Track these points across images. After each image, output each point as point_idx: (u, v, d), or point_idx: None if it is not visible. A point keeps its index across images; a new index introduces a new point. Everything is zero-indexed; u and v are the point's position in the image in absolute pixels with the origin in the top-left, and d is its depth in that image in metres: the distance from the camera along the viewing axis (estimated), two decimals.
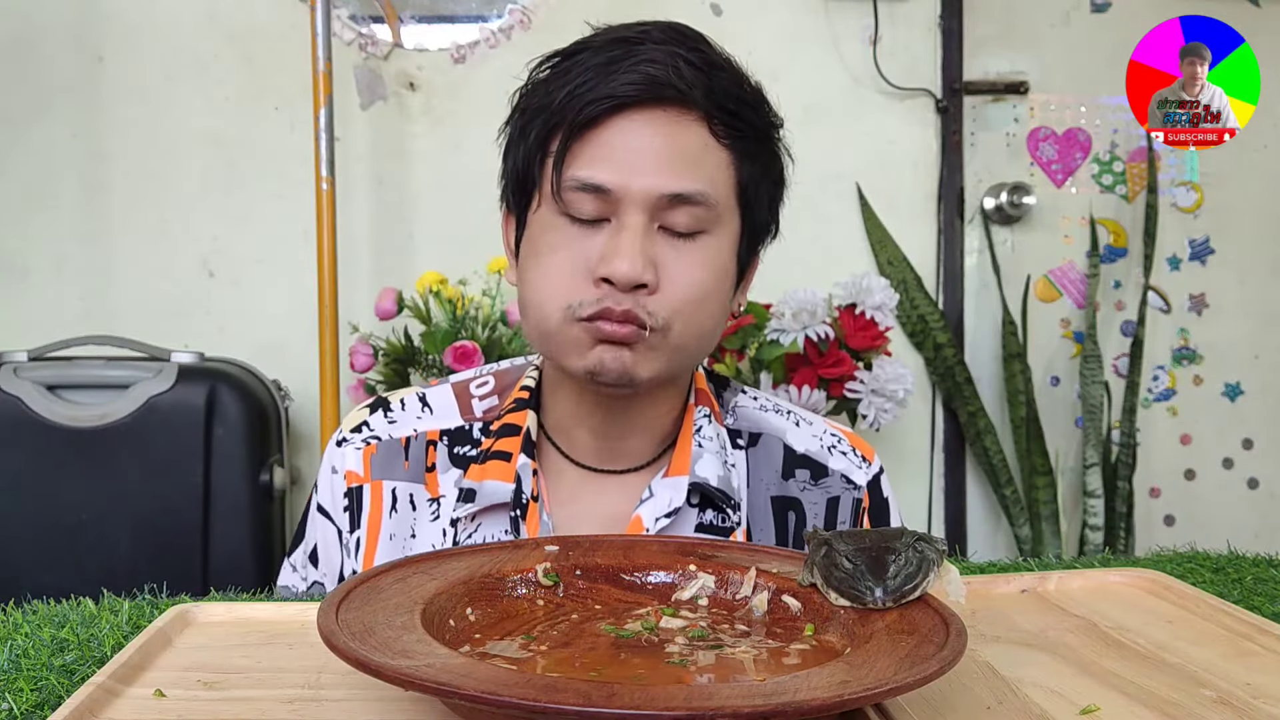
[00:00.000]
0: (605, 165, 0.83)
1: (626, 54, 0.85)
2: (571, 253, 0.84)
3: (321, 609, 0.52)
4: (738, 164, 0.87)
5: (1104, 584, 0.73)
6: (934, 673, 0.46)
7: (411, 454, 0.96)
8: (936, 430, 2.25)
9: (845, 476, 0.99)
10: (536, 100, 0.88)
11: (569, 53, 0.89)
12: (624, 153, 0.83)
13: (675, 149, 0.83)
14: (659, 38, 0.86)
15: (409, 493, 0.95)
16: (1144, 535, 2.25)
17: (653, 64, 0.83)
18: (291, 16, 2.06)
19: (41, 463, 1.73)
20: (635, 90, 0.83)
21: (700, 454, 0.93)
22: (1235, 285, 2.32)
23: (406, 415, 0.98)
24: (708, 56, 0.87)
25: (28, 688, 0.57)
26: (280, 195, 2.07)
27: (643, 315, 0.83)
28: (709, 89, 0.84)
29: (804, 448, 0.99)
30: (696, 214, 0.84)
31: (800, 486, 0.98)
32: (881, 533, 0.58)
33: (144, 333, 1.87)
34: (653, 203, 0.83)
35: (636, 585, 0.64)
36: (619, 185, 0.82)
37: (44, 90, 2.05)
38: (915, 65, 2.21)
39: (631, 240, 0.82)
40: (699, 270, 0.85)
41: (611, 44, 0.86)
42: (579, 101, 0.84)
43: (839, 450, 1.00)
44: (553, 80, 0.87)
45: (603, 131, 0.84)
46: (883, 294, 1.89)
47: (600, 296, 0.83)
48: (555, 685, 0.44)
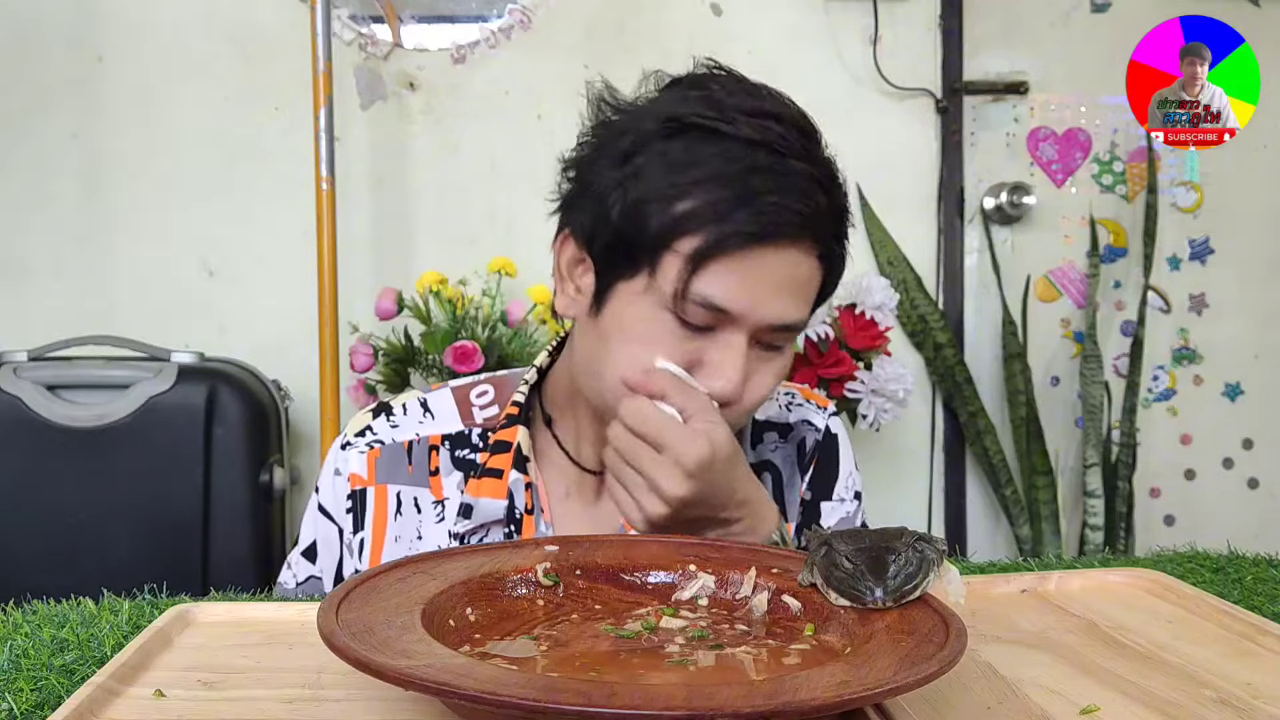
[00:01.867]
0: (737, 291, 0.82)
1: (771, 173, 0.82)
2: (668, 349, 0.84)
3: (321, 609, 0.52)
4: (822, 279, 0.89)
5: (1104, 584, 0.73)
6: (934, 673, 0.46)
7: (415, 458, 0.98)
8: (936, 430, 2.25)
9: (807, 421, 1.05)
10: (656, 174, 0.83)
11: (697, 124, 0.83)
12: (755, 283, 0.83)
13: (796, 281, 0.85)
14: (796, 149, 0.84)
15: (413, 496, 0.97)
16: (1144, 535, 2.25)
17: (797, 197, 0.82)
18: (291, 16, 2.06)
19: (41, 463, 1.73)
20: (784, 231, 0.82)
21: None
22: (1235, 285, 2.32)
23: (409, 420, 0.99)
24: (832, 173, 0.87)
25: (28, 688, 0.57)
26: (280, 195, 2.07)
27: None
28: (829, 222, 0.86)
29: (764, 415, 1.04)
30: (790, 336, 0.88)
31: (771, 448, 1.03)
32: (882, 533, 0.58)
33: (144, 333, 1.87)
34: (764, 328, 0.85)
35: (636, 585, 0.64)
36: (742, 312, 0.83)
37: (44, 90, 2.05)
38: (915, 65, 2.21)
39: (737, 360, 0.84)
40: (775, 378, 0.89)
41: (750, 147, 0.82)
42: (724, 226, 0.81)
43: (795, 404, 1.06)
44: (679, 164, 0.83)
45: (740, 259, 0.82)
46: (883, 294, 1.89)
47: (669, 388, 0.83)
48: (555, 685, 0.44)
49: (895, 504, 2.22)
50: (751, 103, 0.85)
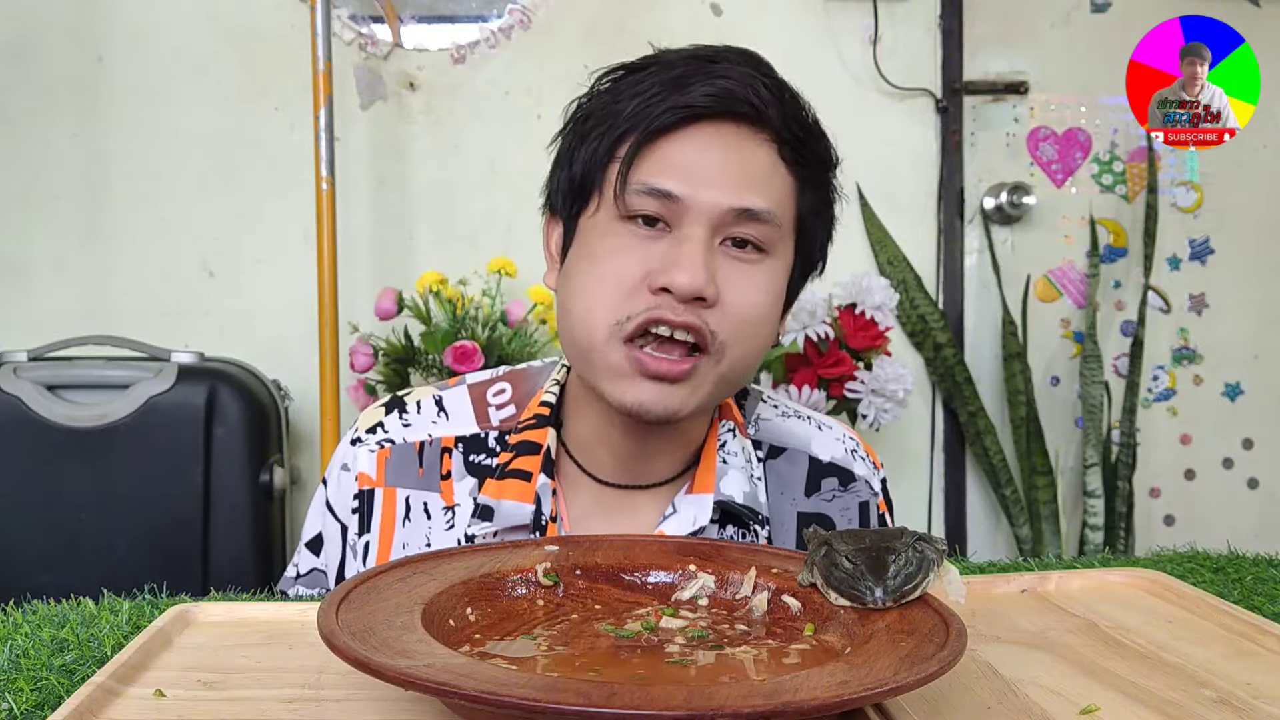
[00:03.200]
0: (675, 173, 0.81)
1: (701, 69, 0.84)
2: (629, 259, 0.82)
3: (321, 609, 0.52)
4: (800, 190, 0.86)
5: (1104, 584, 0.73)
6: (934, 673, 0.46)
7: (425, 460, 0.94)
8: (936, 430, 2.25)
9: (867, 482, 1.00)
10: (602, 108, 0.86)
11: (636, 66, 0.87)
12: (694, 163, 0.82)
13: (745, 165, 0.82)
14: (734, 58, 0.85)
15: (423, 501, 0.93)
16: (1144, 535, 2.25)
17: (729, 79, 0.82)
18: (291, 16, 2.06)
19: (41, 463, 1.73)
20: (711, 102, 0.82)
21: (725, 470, 0.91)
22: (1235, 285, 2.32)
23: (421, 419, 0.96)
24: (780, 81, 0.86)
25: (28, 688, 0.57)
26: (280, 195, 2.07)
27: (704, 327, 0.81)
28: (784, 113, 0.84)
29: (830, 455, 0.98)
30: (762, 231, 0.83)
31: (829, 497, 0.97)
32: (881, 533, 0.58)
33: (144, 333, 1.87)
34: (718, 216, 0.81)
35: (636, 585, 0.64)
36: (687, 194, 0.81)
37: (44, 90, 2.05)
38: (915, 65, 2.21)
39: (694, 251, 0.80)
40: (758, 290, 0.83)
41: (685, 60, 0.85)
42: (653, 109, 0.82)
43: (859, 456, 1.00)
44: (620, 90, 0.86)
45: (674, 140, 0.82)
46: (883, 294, 1.89)
47: (653, 305, 0.80)
48: (555, 685, 0.44)
49: (895, 504, 2.22)
50: (701, 48, 0.86)
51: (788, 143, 0.84)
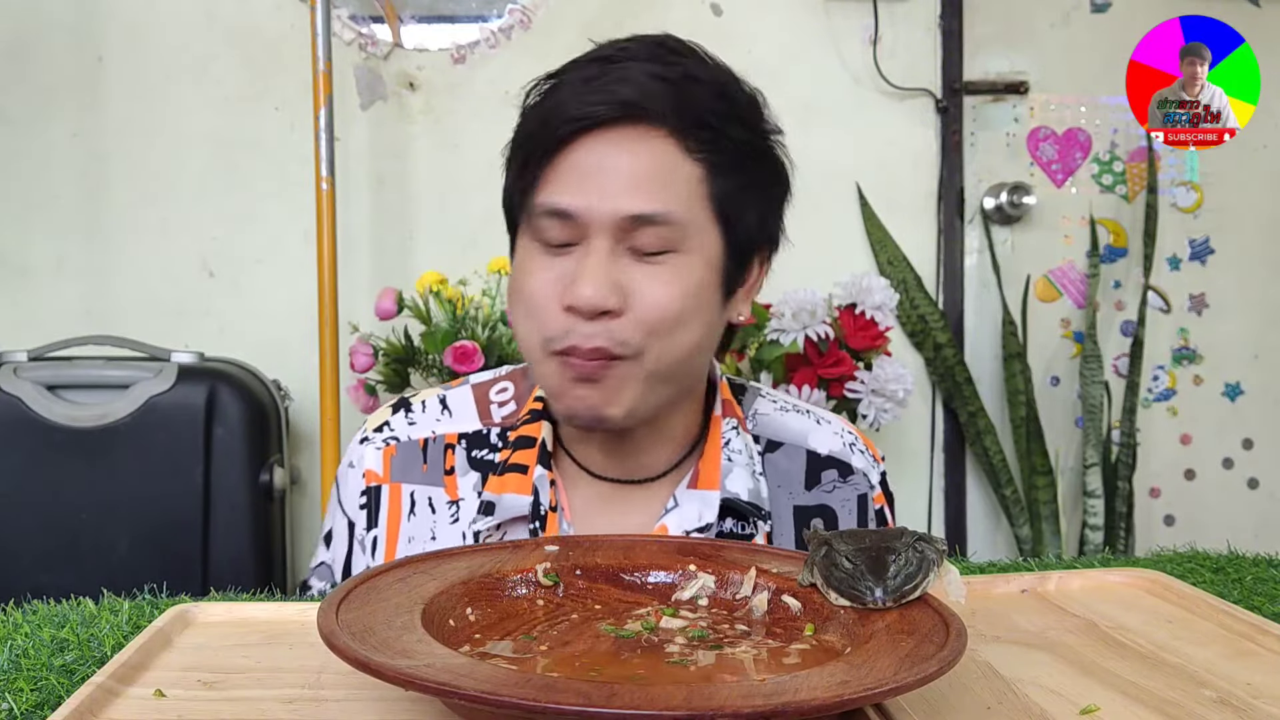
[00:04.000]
0: (570, 190, 0.82)
1: (600, 73, 0.84)
2: (543, 280, 0.84)
3: (321, 609, 0.52)
4: (712, 178, 0.84)
5: (1104, 584, 0.73)
6: (934, 673, 0.46)
7: (430, 456, 0.96)
8: (936, 430, 2.25)
9: (866, 475, 0.99)
10: (521, 125, 0.88)
11: (556, 74, 0.88)
12: (589, 176, 0.82)
13: (639, 168, 0.82)
14: (638, 53, 0.85)
15: (428, 495, 0.95)
16: (1144, 535, 2.25)
17: (623, 83, 0.82)
18: (291, 16, 2.06)
19: (41, 463, 1.73)
20: (601, 110, 0.82)
21: (731, 468, 0.92)
22: (1235, 285, 2.32)
23: (426, 417, 0.98)
24: (686, 70, 0.84)
25: (28, 688, 0.57)
26: (280, 195, 2.07)
27: (612, 347, 0.82)
28: (680, 104, 0.83)
29: (828, 448, 0.98)
30: (661, 234, 0.82)
31: (829, 489, 0.97)
32: (881, 533, 0.58)
33: (144, 333, 1.87)
34: (616, 225, 0.82)
35: (636, 585, 0.64)
36: (582, 209, 0.82)
37: (44, 90, 2.05)
38: (915, 65, 2.21)
39: (595, 265, 0.81)
40: (668, 289, 0.83)
41: (591, 63, 0.85)
42: (550, 124, 0.83)
43: (857, 449, 1.00)
44: (530, 108, 0.87)
45: (570, 155, 0.83)
46: (883, 294, 1.89)
47: (568, 329, 0.82)
48: (555, 685, 0.44)
49: (896, 504, 2.22)
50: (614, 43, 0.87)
51: (688, 133, 0.83)
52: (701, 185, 0.84)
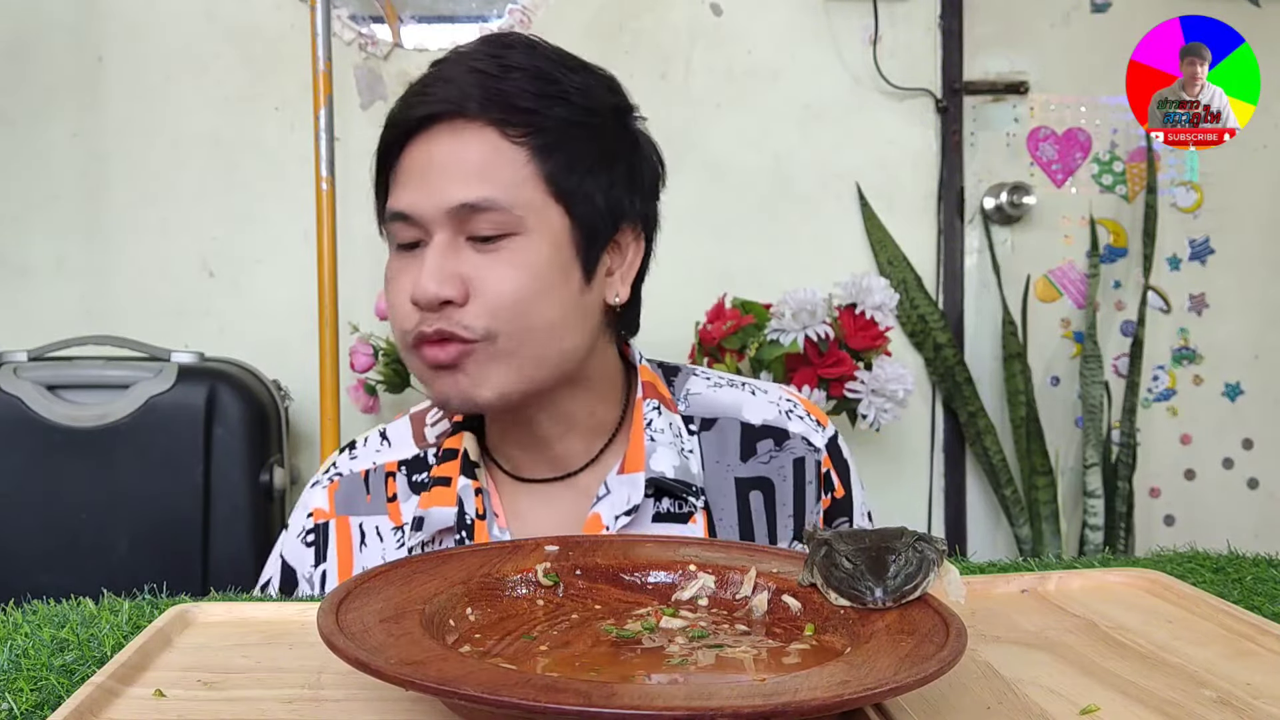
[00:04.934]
0: (408, 191, 0.86)
1: (428, 80, 0.87)
2: (399, 281, 0.87)
3: (321, 609, 0.52)
4: (540, 160, 0.85)
5: (1104, 584, 0.73)
6: (934, 673, 0.46)
7: (372, 486, 0.98)
8: (936, 430, 2.25)
9: (805, 439, 0.98)
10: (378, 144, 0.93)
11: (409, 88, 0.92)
12: (420, 175, 0.86)
13: (463, 160, 0.84)
14: (464, 54, 0.87)
15: (375, 525, 0.96)
16: (1144, 535, 2.25)
17: (443, 83, 0.86)
18: (291, 16, 2.06)
19: (41, 463, 1.73)
20: (421, 111, 0.86)
21: (654, 448, 0.92)
22: (1235, 285, 2.32)
23: (367, 450, 1.01)
24: (503, 61, 0.86)
25: (28, 688, 0.57)
26: (280, 195, 2.07)
27: (456, 330, 0.84)
28: (496, 93, 0.85)
29: (761, 418, 0.98)
30: (493, 219, 0.84)
31: (765, 459, 0.97)
32: (881, 533, 0.58)
33: (144, 333, 1.87)
34: (448, 218, 0.84)
35: (636, 585, 0.64)
36: (414, 208, 0.85)
37: (44, 90, 2.05)
38: (915, 65, 2.20)
39: (432, 258, 0.84)
40: (509, 272, 0.84)
41: (425, 74, 0.89)
42: (385, 136, 0.88)
43: (796, 415, 0.99)
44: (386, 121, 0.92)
45: (404, 160, 0.87)
46: (883, 294, 1.89)
47: (417, 321, 0.85)
48: (555, 685, 0.44)
49: (895, 504, 2.22)
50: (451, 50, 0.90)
51: (506, 120, 0.85)
52: (529, 167, 0.85)
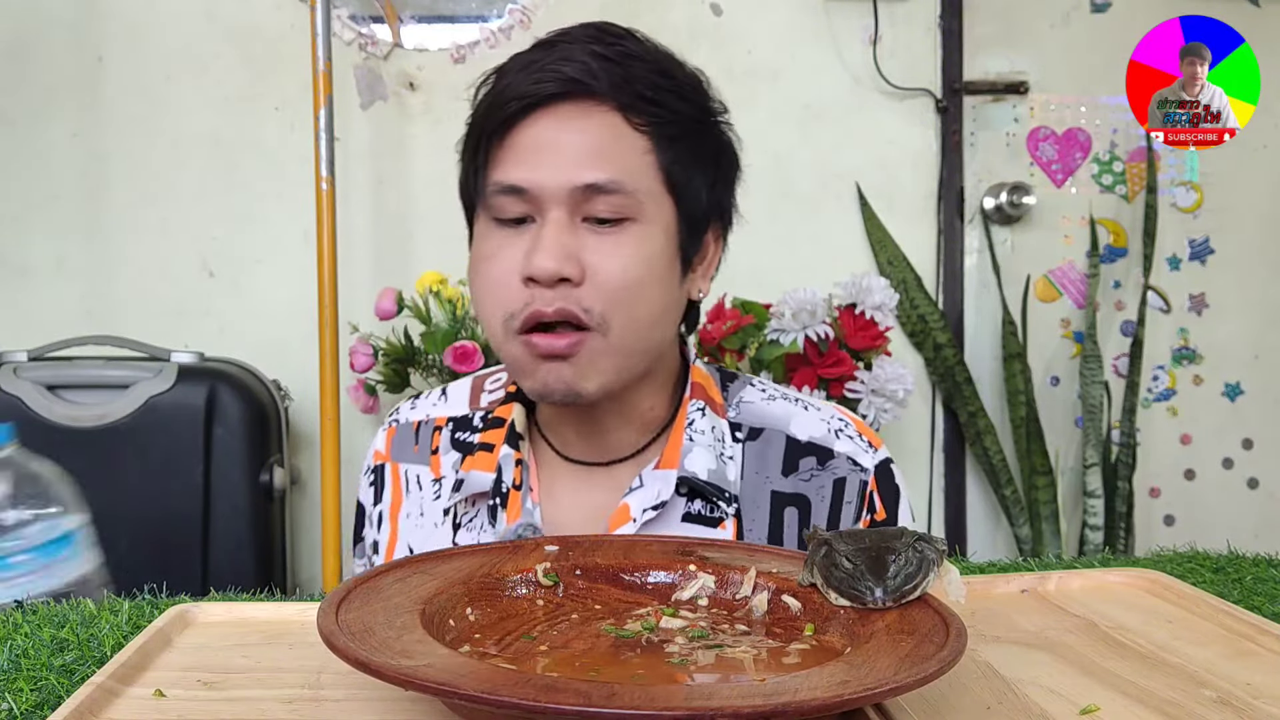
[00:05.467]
0: (520, 165, 0.85)
1: (543, 57, 0.87)
2: (501, 257, 0.86)
3: (321, 609, 0.52)
4: (659, 149, 0.86)
5: (1104, 584, 0.73)
6: (934, 673, 0.46)
7: (421, 438, 1.02)
8: (936, 430, 2.25)
9: (851, 459, 0.96)
10: (472, 115, 0.92)
11: (501, 66, 0.91)
12: (537, 151, 0.85)
13: (586, 141, 0.84)
14: (578, 36, 0.88)
15: (417, 474, 1.01)
16: (1144, 535, 2.25)
17: (565, 62, 0.85)
18: (291, 16, 2.06)
19: None
20: (545, 88, 0.85)
21: (691, 448, 0.92)
22: (1235, 285, 2.32)
23: (426, 403, 1.05)
24: (626, 49, 0.88)
25: (28, 688, 0.57)
26: (280, 195, 2.07)
27: (576, 310, 0.83)
28: (621, 80, 0.85)
29: (808, 435, 0.97)
30: (614, 202, 0.84)
31: (806, 477, 0.95)
32: (881, 533, 0.58)
33: (144, 333, 1.87)
34: (568, 197, 0.84)
35: (636, 585, 0.64)
36: (533, 183, 0.84)
37: (44, 90, 2.05)
38: (915, 65, 2.21)
39: (551, 235, 0.83)
40: (626, 257, 0.84)
41: (534, 49, 0.88)
42: (497, 106, 0.87)
43: (845, 435, 0.98)
44: (485, 93, 0.91)
45: (518, 133, 0.86)
46: (883, 294, 1.89)
47: (529, 300, 0.84)
48: (555, 685, 0.44)
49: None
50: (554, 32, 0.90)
51: (631, 107, 0.85)
52: (649, 156, 0.86)
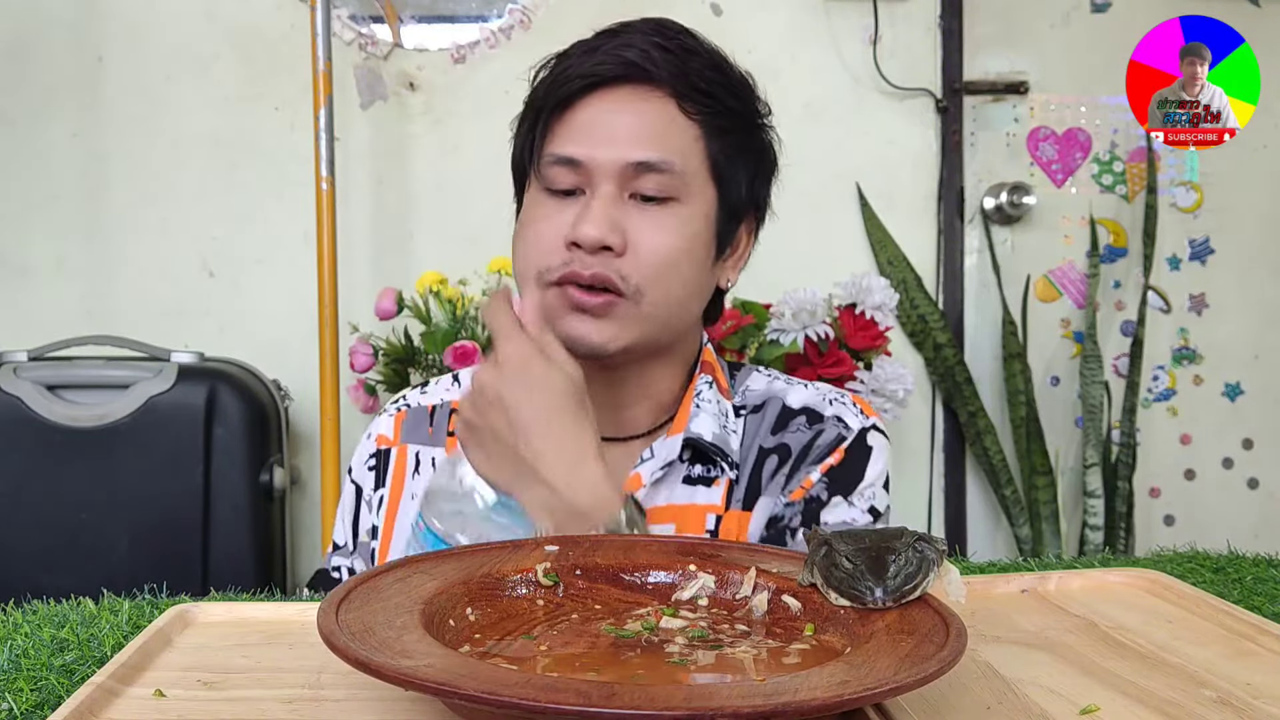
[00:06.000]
0: (577, 140, 0.89)
1: (605, 43, 0.92)
2: (549, 223, 0.90)
3: (321, 609, 0.52)
4: (708, 138, 0.91)
5: (1104, 584, 0.73)
6: (934, 673, 0.46)
7: (436, 420, 1.04)
8: (936, 430, 2.25)
9: (839, 418, 1.01)
10: (531, 93, 0.96)
11: (562, 53, 0.96)
12: (594, 128, 0.90)
13: (641, 122, 0.89)
14: (640, 28, 0.93)
15: (431, 455, 1.02)
16: (1144, 535, 2.25)
17: (627, 48, 0.91)
18: (291, 16, 2.06)
19: (41, 463, 1.73)
20: (606, 70, 0.90)
21: (697, 413, 0.97)
22: (1235, 285, 2.32)
23: (437, 389, 1.07)
24: (684, 43, 0.93)
25: (28, 688, 0.57)
26: (280, 195, 2.07)
27: (613, 276, 0.87)
28: (679, 69, 0.90)
29: (802, 402, 1.02)
30: (662, 181, 0.88)
31: (794, 431, 1.00)
32: (881, 533, 0.58)
33: (144, 333, 1.87)
34: (619, 172, 0.88)
35: (636, 585, 0.64)
36: (588, 157, 0.88)
37: (44, 90, 2.05)
38: (915, 65, 2.20)
39: (599, 206, 0.87)
40: (668, 234, 0.89)
41: (597, 36, 0.94)
42: (558, 86, 0.92)
43: (840, 403, 1.02)
44: (543, 76, 0.95)
45: (578, 110, 0.91)
46: (883, 294, 1.89)
47: (569, 260, 0.88)
48: (555, 685, 0.44)
49: (895, 504, 2.21)
50: (618, 23, 0.95)
51: (686, 96, 0.90)
52: (698, 143, 0.91)
